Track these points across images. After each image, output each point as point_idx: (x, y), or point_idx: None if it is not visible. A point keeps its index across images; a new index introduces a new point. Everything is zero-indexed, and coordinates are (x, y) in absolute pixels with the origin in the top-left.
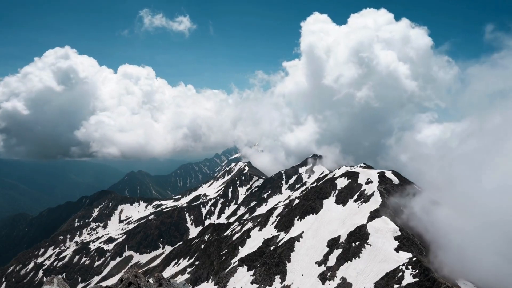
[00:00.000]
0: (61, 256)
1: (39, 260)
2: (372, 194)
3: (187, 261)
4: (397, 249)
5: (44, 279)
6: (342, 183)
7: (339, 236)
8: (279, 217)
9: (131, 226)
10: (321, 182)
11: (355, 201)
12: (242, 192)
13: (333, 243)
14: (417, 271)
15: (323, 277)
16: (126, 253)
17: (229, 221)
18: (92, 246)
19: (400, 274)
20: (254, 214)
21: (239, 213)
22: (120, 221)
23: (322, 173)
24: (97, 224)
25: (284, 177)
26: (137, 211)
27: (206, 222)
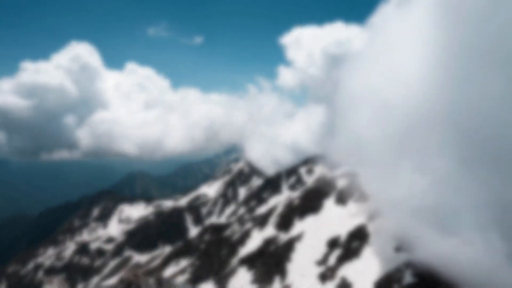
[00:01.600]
0: (61, 256)
1: (39, 260)
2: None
3: (187, 261)
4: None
5: (44, 279)
6: (342, 182)
7: (339, 236)
8: (279, 217)
9: (131, 226)
10: (321, 181)
11: (355, 200)
12: (242, 192)
13: (333, 243)
14: (417, 271)
15: (323, 277)
16: (126, 253)
17: (229, 221)
18: (92, 246)
19: (400, 274)
20: (254, 214)
21: (239, 213)
22: (120, 221)
23: (322, 172)
24: (97, 224)
25: (284, 176)
26: (137, 211)
27: (206, 222)
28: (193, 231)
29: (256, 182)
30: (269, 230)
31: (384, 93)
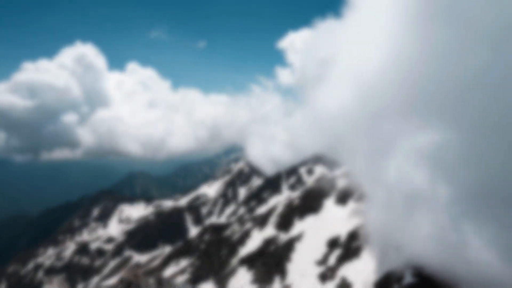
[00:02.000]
0: (61, 256)
1: (39, 260)
2: None
3: (187, 261)
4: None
5: (44, 279)
6: (342, 182)
7: (339, 236)
8: (279, 217)
9: (131, 226)
10: (321, 181)
11: (355, 200)
12: (242, 192)
13: (333, 243)
14: (417, 271)
15: (323, 277)
16: (126, 253)
17: (229, 221)
18: (92, 246)
19: (400, 274)
20: (254, 214)
21: (239, 213)
22: (120, 221)
23: (322, 172)
24: (97, 224)
25: (284, 177)
26: (137, 211)
27: (206, 222)
28: (193, 231)
29: (256, 182)
30: (269, 230)
31: (357, 66)
